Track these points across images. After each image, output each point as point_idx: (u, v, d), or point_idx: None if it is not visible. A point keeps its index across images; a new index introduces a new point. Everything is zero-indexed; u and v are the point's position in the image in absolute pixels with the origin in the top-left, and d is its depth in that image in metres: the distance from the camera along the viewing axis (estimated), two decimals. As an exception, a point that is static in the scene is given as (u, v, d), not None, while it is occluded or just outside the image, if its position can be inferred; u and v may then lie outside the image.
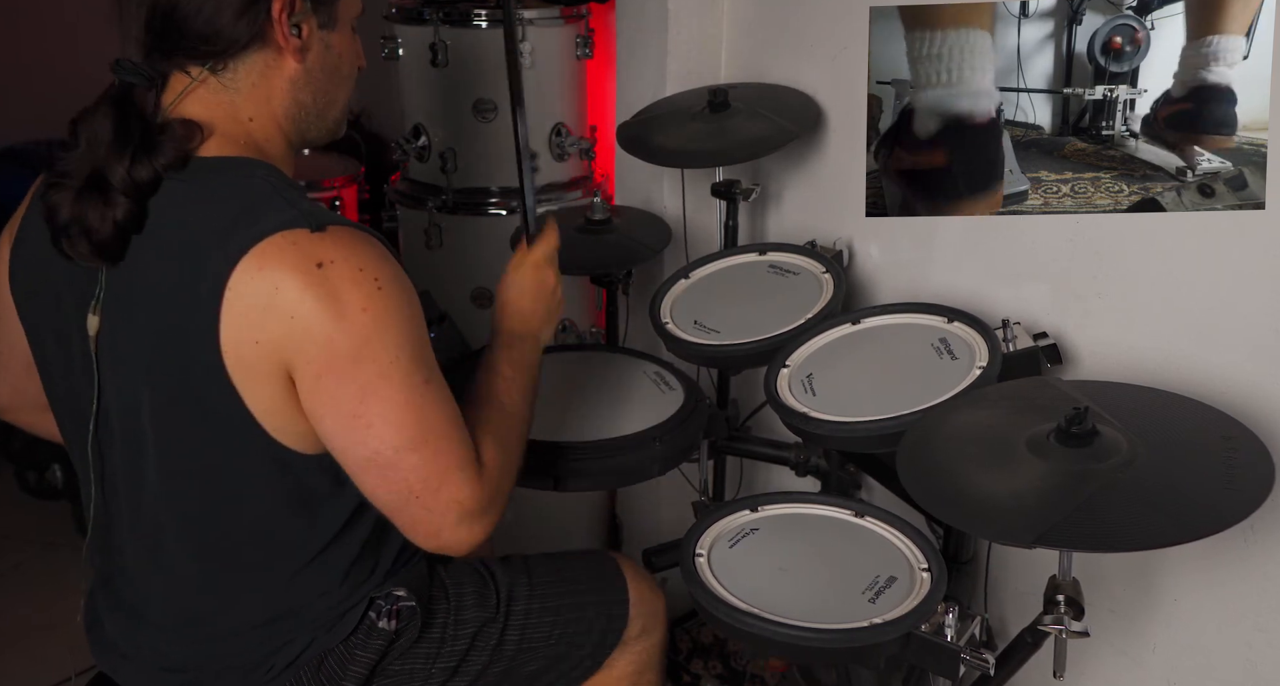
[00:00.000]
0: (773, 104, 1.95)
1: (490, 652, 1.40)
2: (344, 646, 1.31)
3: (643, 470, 1.61)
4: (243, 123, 1.22)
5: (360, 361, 1.13)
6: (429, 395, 1.18)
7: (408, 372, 1.15)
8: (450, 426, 1.20)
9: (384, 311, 1.14)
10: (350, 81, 1.32)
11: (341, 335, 1.12)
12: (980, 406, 1.38)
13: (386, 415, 1.15)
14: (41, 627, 2.41)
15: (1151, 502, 1.16)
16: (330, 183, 3.12)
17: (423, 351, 1.18)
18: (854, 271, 1.94)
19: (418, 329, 1.18)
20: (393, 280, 1.16)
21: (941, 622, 1.24)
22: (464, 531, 1.21)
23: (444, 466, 1.18)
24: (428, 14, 2.49)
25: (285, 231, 1.12)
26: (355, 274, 1.13)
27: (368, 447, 1.16)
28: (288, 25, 1.20)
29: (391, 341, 1.14)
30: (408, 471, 1.17)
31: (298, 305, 1.11)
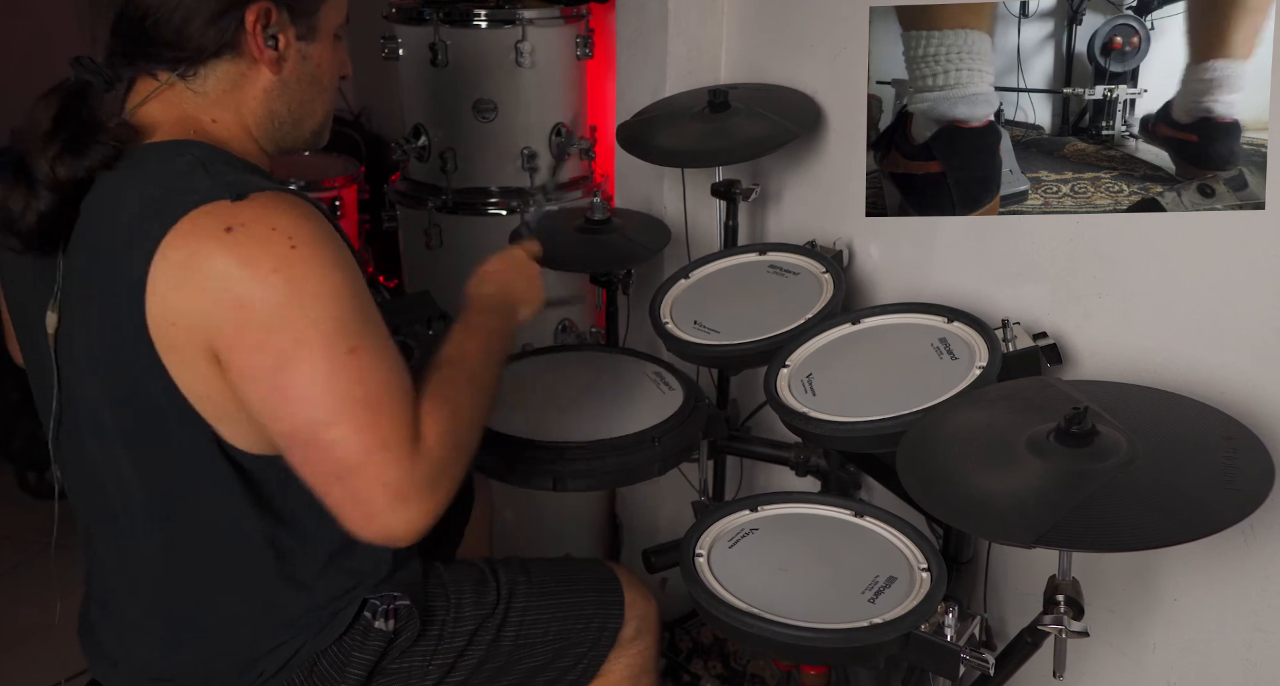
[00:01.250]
0: (773, 104, 1.95)
1: (487, 647, 1.40)
2: (338, 648, 1.30)
3: (643, 470, 1.60)
4: (204, 123, 1.21)
5: (275, 328, 1.06)
6: (355, 365, 1.08)
7: (329, 340, 1.07)
8: (381, 400, 1.10)
9: (300, 274, 1.07)
10: (330, 92, 1.29)
11: (253, 300, 1.06)
12: (980, 406, 1.38)
13: (305, 386, 1.07)
14: (41, 628, 2.40)
15: (1151, 502, 1.16)
16: (330, 183, 3.12)
17: (350, 317, 1.09)
18: (854, 271, 1.94)
19: (343, 293, 1.10)
20: (312, 240, 1.09)
21: (941, 622, 1.24)
22: (399, 516, 1.10)
23: (368, 444, 1.08)
24: (428, 14, 2.49)
25: (204, 205, 1.08)
26: (266, 234, 1.07)
27: (286, 422, 1.09)
28: (262, 37, 1.18)
29: (309, 306, 1.07)
30: (328, 448, 1.08)
31: (208, 274, 1.06)
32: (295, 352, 1.07)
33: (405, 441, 1.10)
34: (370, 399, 1.09)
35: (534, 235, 1.61)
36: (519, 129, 2.57)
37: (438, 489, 1.13)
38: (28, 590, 2.61)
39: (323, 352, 1.07)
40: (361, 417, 1.08)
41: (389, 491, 1.09)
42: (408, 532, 1.12)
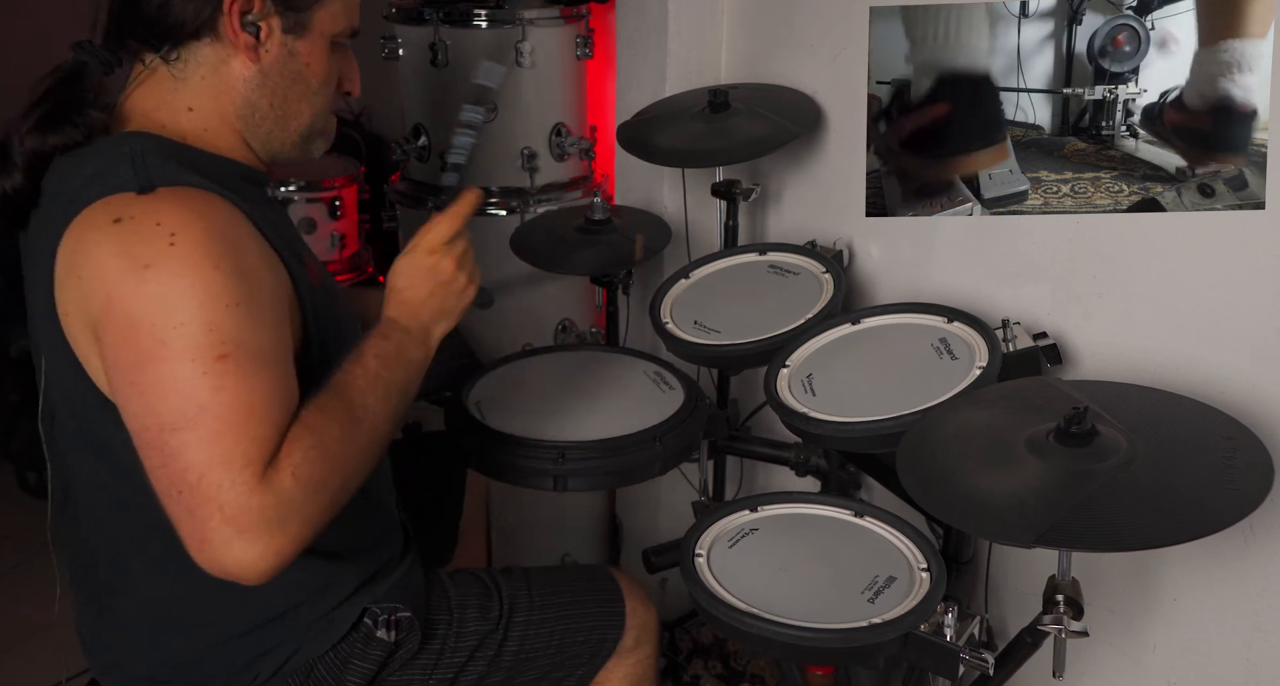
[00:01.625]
0: (773, 104, 1.95)
1: (488, 663, 1.39)
2: (335, 655, 1.29)
3: (643, 470, 1.61)
4: (178, 111, 1.20)
5: (139, 324, 1.02)
6: (220, 372, 1.02)
7: (194, 343, 1.02)
8: (238, 414, 1.02)
9: (173, 271, 1.03)
10: (320, 98, 1.26)
11: (121, 293, 1.03)
12: (980, 406, 1.38)
13: (159, 386, 1.02)
14: (41, 627, 2.40)
15: (1151, 502, 1.16)
16: (330, 182, 3.12)
17: (226, 323, 1.03)
18: (854, 271, 1.94)
19: (222, 297, 1.04)
20: (198, 239, 1.04)
21: (941, 622, 1.24)
22: (234, 549, 1.00)
23: (210, 457, 1.00)
24: (428, 14, 2.49)
25: (110, 196, 1.08)
26: (150, 228, 1.04)
27: (138, 420, 1.04)
28: (239, 19, 1.17)
29: (176, 305, 1.02)
30: (170, 455, 1.01)
31: (86, 263, 1.05)
32: (155, 351, 1.02)
33: (252, 464, 1.01)
34: (225, 410, 1.02)
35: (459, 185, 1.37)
36: (519, 129, 2.57)
37: (283, 527, 1.02)
38: (28, 590, 2.60)
39: (184, 355, 1.02)
40: (210, 427, 1.01)
41: (223, 516, 1.00)
42: (245, 570, 1.01)
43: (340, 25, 1.25)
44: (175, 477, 1.02)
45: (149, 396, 1.03)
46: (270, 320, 1.09)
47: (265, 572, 1.02)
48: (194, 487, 1.00)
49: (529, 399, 1.72)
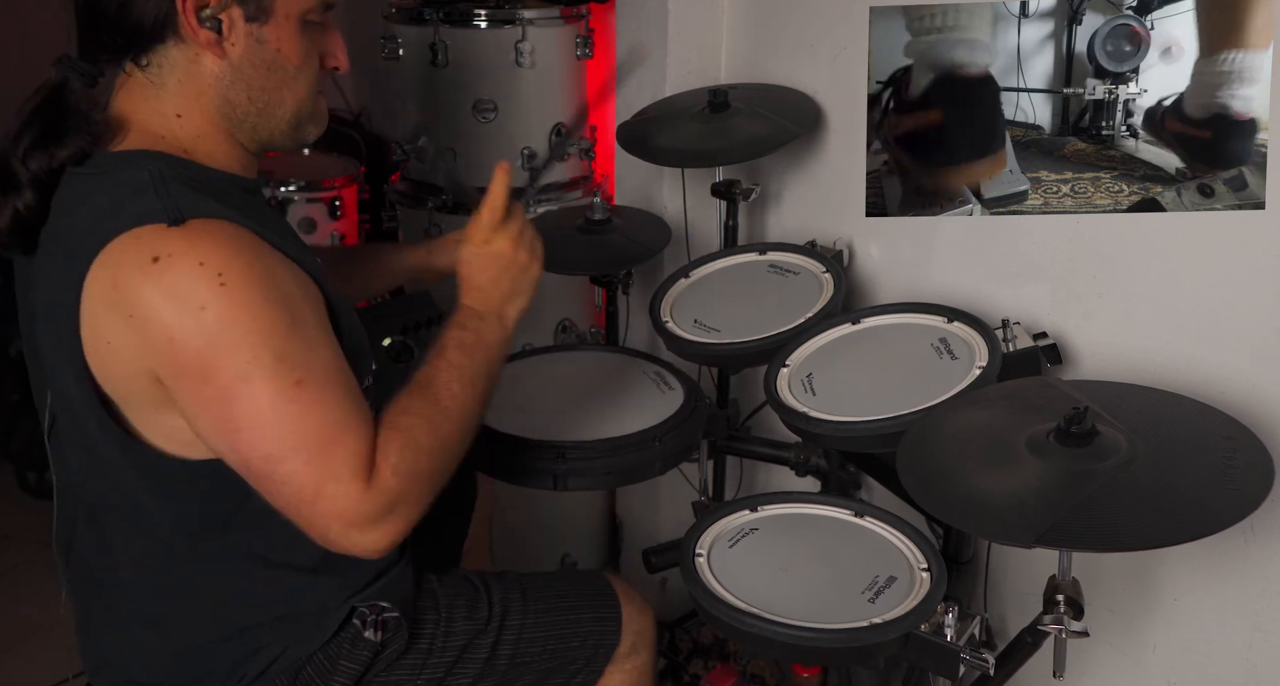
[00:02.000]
0: (773, 104, 1.95)
1: (481, 666, 1.38)
2: (324, 655, 1.29)
3: (643, 470, 1.60)
4: (169, 119, 1.18)
5: (212, 364, 1.06)
6: (302, 398, 1.08)
7: (271, 374, 1.06)
8: (331, 432, 1.10)
9: (230, 310, 1.05)
10: (300, 82, 1.22)
11: (183, 335, 1.05)
12: (980, 406, 1.38)
13: (251, 421, 1.07)
14: (41, 627, 2.41)
15: (1151, 502, 1.16)
16: (330, 183, 3.12)
17: (291, 349, 1.08)
18: (854, 271, 1.94)
19: (279, 327, 1.08)
20: (244, 275, 1.07)
21: (941, 622, 1.24)
22: (356, 541, 1.12)
23: (318, 477, 1.09)
24: (428, 14, 2.49)
25: (139, 227, 1.07)
26: (194, 268, 1.05)
27: (239, 454, 1.10)
28: (194, 16, 1.14)
29: (243, 341, 1.06)
30: (281, 482, 1.09)
31: (135, 304, 1.06)
32: (237, 387, 1.07)
33: (357, 474, 1.10)
34: (320, 431, 1.09)
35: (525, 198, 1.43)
36: (519, 129, 2.57)
37: (394, 516, 1.13)
38: (28, 590, 2.61)
39: (267, 386, 1.07)
40: (311, 451, 1.08)
41: (343, 522, 1.11)
42: (370, 551, 1.14)
43: (308, 2, 1.20)
44: (293, 499, 1.10)
45: (244, 431, 1.08)
46: (321, 338, 1.13)
47: (387, 549, 1.14)
48: (312, 504, 1.10)
49: (529, 398, 1.72)
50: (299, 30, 1.20)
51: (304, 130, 1.27)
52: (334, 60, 1.26)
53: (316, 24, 1.22)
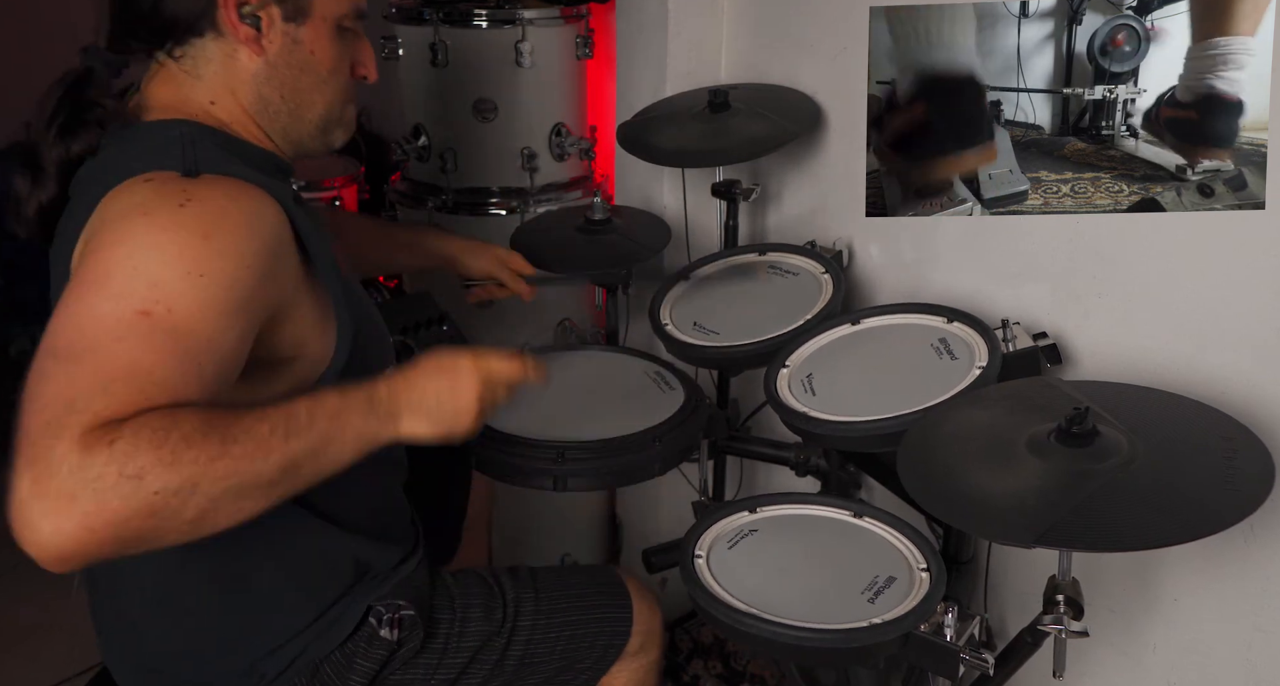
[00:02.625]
0: (773, 104, 1.95)
1: (492, 667, 1.39)
2: (341, 654, 1.29)
3: (642, 470, 1.60)
4: (205, 105, 1.20)
5: (100, 257, 1.00)
6: (129, 324, 0.95)
7: (128, 290, 0.96)
8: (115, 370, 0.93)
9: (165, 224, 1.01)
10: (331, 86, 1.25)
11: (111, 231, 1.02)
12: (980, 406, 1.38)
13: (72, 311, 0.96)
14: (41, 627, 2.41)
15: (1151, 502, 1.16)
16: (330, 183, 3.12)
17: (173, 286, 0.98)
18: (854, 271, 1.94)
19: (194, 265, 0.99)
20: (205, 210, 1.02)
21: (941, 622, 1.24)
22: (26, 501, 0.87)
23: (59, 395, 0.91)
24: (428, 14, 2.49)
25: (152, 171, 1.07)
26: (171, 189, 1.04)
27: (44, 337, 0.97)
28: (235, 11, 1.17)
29: (142, 253, 0.99)
30: (37, 378, 0.93)
31: (110, 205, 1.05)
32: (94, 282, 0.98)
33: (85, 420, 0.90)
34: (105, 361, 0.93)
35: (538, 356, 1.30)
36: (519, 129, 2.57)
37: (72, 498, 0.88)
38: (28, 590, 2.60)
39: (112, 296, 0.96)
40: (80, 368, 0.93)
41: (27, 459, 0.89)
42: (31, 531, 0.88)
43: (344, 7, 1.23)
44: (30, 403, 0.92)
45: (60, 318, 0.97)
46: (234, 317, 1.02)
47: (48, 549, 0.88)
48: (33, 418, 0.91)
49: (528, 398, 1.71)
50: (333, 35, 1.23)
51: (332, 134, 1.29)
52: (364, 69, 1.29)
53: (350, 31, 1.25)
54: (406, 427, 1.12)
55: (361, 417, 1.08)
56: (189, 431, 0.93)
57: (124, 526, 0.89)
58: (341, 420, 1.06)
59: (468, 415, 1.15)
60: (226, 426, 0.96)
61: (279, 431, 1.00)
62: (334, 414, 1.05)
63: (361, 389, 1.10)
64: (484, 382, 1.16)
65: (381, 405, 1.10)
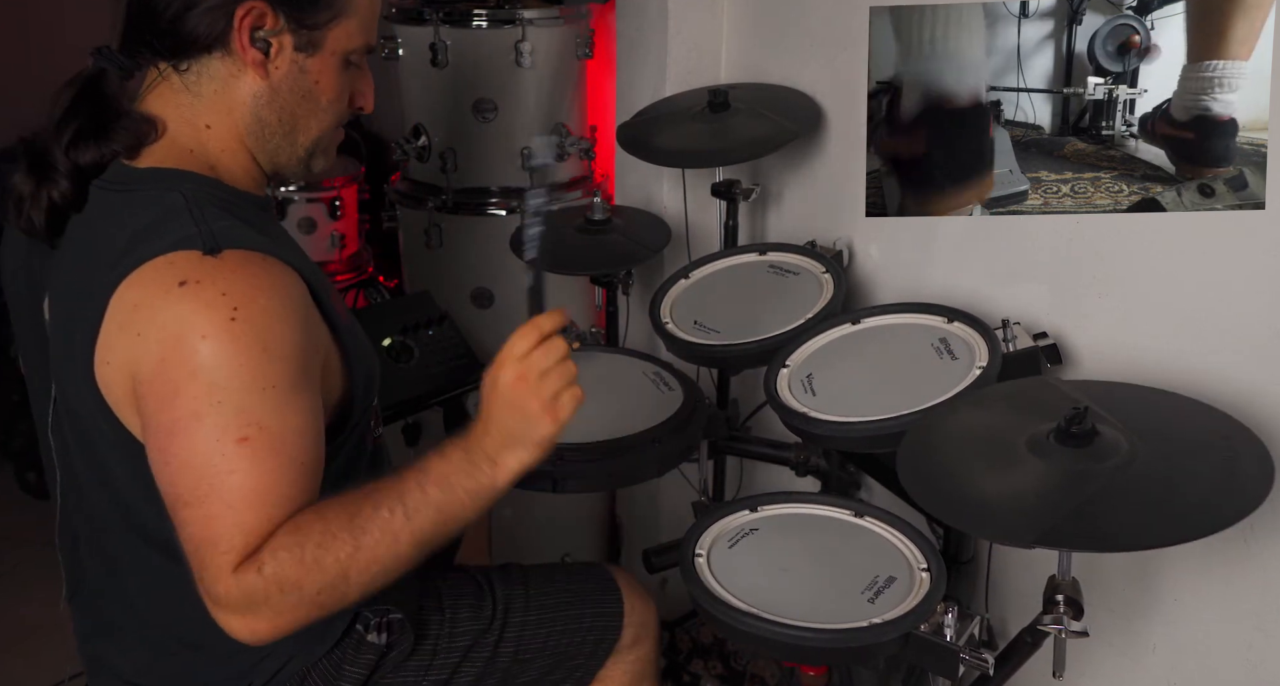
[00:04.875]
0: (773, 104, 1.95)
1: (484, 664, 1.38)
2: (328, 661, 1.29)
3: (641, 471, 1.60)
4: (199, 129, 1.20)
5: (181, 392, 1.04)
6: (235, 455, 1.04)
7: (224, 423, 1.04)
8: (239, 499, 1.04)
9: (227, 346, 1.04)
10: (328, 114, 1.25)
11: (174, 358, 1.04)
12: (980, 406, 1.38)
13: (181, 458, 1.05)
14: (41, 627, 2.41)
15: (1151, 502, 1.16)
16: (330, 183, 3.12)
17: (258, 407, 1.05)
18: (854, 271, 1.94)
19: (262, 380, 1.05)
20: (256, 318, 1.05)
21: (941, 622, 1.24)
22: (216, 613, 1.07)
23: (203, 537, 1.05)
24: (428, 14, 2.49)
25: (174, 252, 1.07)
26: (214, 298, 1.05)
27: (161, 482, 1.07)
28: (248, 35, 1.17)
29: (221, 381, 1.04)
30: (179, 524, 1.06)
31: (148, 322, 1.06)
32: (186, 423, 1.04)
33: (233, 551, 1.04)
34: (228, 495, 1.04)
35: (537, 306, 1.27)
36: (519, 129, 2.57)
37: (253, 613, 1.05)
38: (28, 590, 2.61)
39: (212, 432, 1.04)
40: (210, 509, 1.04)
41: (204, 589, 1.06)
42: (230, 632, 1.07)
43: (355, 43, 1.24)
44: (184, 545, 1.07)
45: (172, 467, 1.06)
46: (301, 399, 1.09)
47: (250, 639, 1.07)
48: (192, 557, 1.06)
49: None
50: (339, 68, 1.24)
51: (315, 160, 1.29)
52: (362, 100, 1.30)
53: (355, 65, 1.26)
54: (514, 463, 1.16)
55: (467, 475, 1.14)
56: (319, 538, 1.06)
57: (305, 618, 1.07)
58: (450, 483, 1.13)
59: (541, 420, 1.15)
60: (349, 520, 1.08)
61: (398, 512, 1.09)
62: (441, 480, 1.13)
63: (456, 446, 1.15)
64: (527, 382, 1.15)
65: (478, 455, 1.15)
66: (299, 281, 1.13)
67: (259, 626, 1.06)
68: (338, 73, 1.24)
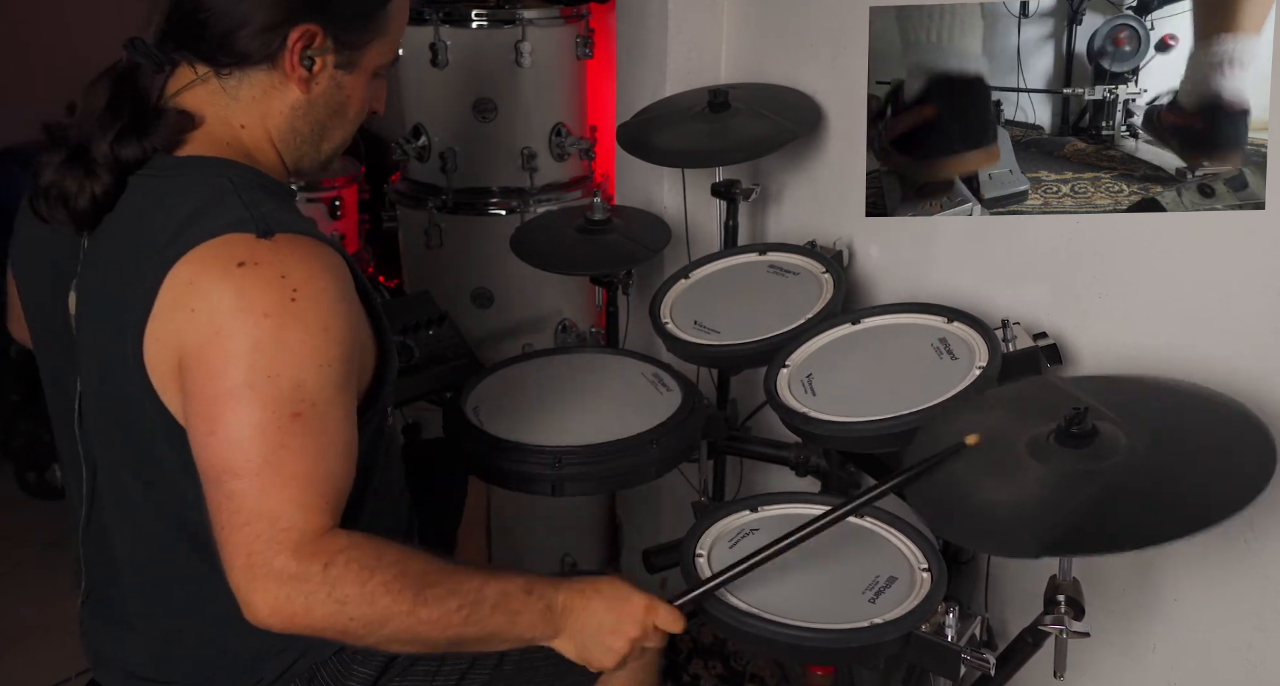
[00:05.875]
0: (773, 104, 1.95)
1: (490, 671, 1.39)
2: (338, 660, 1.29)
3: (639, 474, 1.60)
4: (234, 127, 1.23)
5: (236, 364, 1.05)
6: (290, 430, 1.06)
7: (278, 397, 1.05)
8: (296, 476, 1.06)
9: (287, 323, 1.06)
10: (353, 124, 1.31)
11: (232, 332, 1.06)
12: (981, 412, 1.38)
13: (231, 430, 1.05)
14: (41, 627, 2.41)
15: (1153, 498, 1.16)
16: (330, 183, 3.12)
17: (314, 384, 1.07)
18: (854, 271, 1.94)
19: (320, 358, 1.08)
20: (316, 297, 1.08)
21: (942, 622, 1.24)
22: (246, 584, 1.05)
23: (260, 509, 1.05)
24: (428, 14, 2.49)
25: (228, 234, 1.09)
26: (275, 279, 1.07)
27: (204, 455, 1.07)
28: (299, 55, 1.20)
29: (278, 357, 1.06)
30: (225, 496, 1.06)
31: (203, 298, 1.07)
32: (239, 394, 1.05)
33: (296, 528, 1.05)
34: (284, 468, 1.05)
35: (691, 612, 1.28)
36: (519, 129, 2.57)
37: (289, 598, 1.05)
38: (28, 590, 2.61)
39: (264, 406, 1.05)
40: (267, 481, 1.05)
41: (250, 560, 1.05)
42: (250, 607, 1.06)
43: (386, 59, 1.29)
44: (228, 518, 1.06)
45: (220, 435, 1.06)
46: (349, 384, 1.12)
47: (265, 620, 1.06)
48: (239, 530, 1.05)
49: (526, 403, 1.72)
50: (368, 81, 1.28)
51: (333, 163, 1.35)
52: (377, 104, 1.34)
53: (380, 77, 1.31)
54: (560, 646, 1.21)
55: (531, 625, 1.18)
56: (389, 579, 1.08)
57: (319, 631, 1.08)
58: (517, 621, 1.16)
59: (613, 656, 1.22)
60: (423, 586, 1.10)
61: (463, 612, 1.12)
62: (514, 613, 1.16)
63: (544, 595, 1.18)
64: (644, 629, 1.22)
65: (555, 618, 1.19)
66: (345, 265, 1.16)
67: (284, 610, 1.05)
68: (366, 86, 1.29)
